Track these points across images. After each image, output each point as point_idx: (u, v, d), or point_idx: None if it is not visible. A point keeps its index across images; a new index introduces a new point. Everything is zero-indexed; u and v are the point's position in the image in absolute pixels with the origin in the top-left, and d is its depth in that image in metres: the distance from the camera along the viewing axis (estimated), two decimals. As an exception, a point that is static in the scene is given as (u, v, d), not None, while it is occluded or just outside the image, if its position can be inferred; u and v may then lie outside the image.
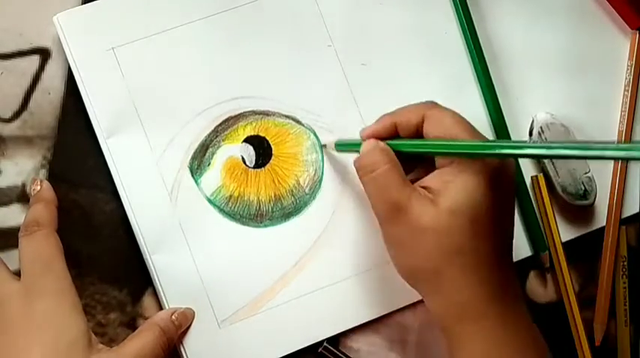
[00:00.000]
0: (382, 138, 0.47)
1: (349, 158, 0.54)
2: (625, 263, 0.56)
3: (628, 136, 0.57)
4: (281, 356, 0.52)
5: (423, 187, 0.45)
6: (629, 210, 0.56)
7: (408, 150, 0.46)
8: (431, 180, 0.45)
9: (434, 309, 0.45)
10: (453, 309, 0.44)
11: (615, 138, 0.57)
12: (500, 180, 0.44)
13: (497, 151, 0.42)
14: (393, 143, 0.47)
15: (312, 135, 0.55)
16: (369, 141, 0.47)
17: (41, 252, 0.48)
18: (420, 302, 0.53)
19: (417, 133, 0.46)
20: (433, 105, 0.47)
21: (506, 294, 0.45)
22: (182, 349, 0.51)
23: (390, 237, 0.46)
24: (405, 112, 0.47)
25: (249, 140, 0.54)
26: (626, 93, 0.57)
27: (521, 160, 0.55)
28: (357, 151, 0.48)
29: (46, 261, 0.48)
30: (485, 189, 0.43)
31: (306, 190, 0.54)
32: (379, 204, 0.45)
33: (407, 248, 0.45)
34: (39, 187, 0.52)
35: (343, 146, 0.52)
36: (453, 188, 0.43)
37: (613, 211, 0.56)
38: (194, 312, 0.52)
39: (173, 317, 0.50)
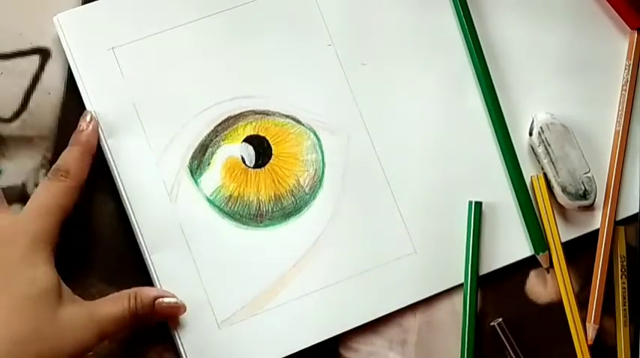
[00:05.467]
0: None
1: (349, 158, 0.54)
2: (624, 263, 0.56)
3: (625, 136, 0.57)
4: (281, 357, 0.52)
5: None
6: (629, 210, 0.56)
7: None
8: None
9: None
10: None
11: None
12: None
13: None
14: None
15: (312, 135, 0.55)
16: None
17: (53, 201, 0.48)
18: (420, 302, 0.53)
19: None
20: None
21: None
22: (182, 349, 0.51)
23: None
24: None
25: (248, 140, 0.54)
26: (623, 92, 0.57)
27: (521, 160, 0.55)
28: None
29: (48, 210, 0.48)
30: None
31: (307, 190, 0.54)
32: None
33: None
34: (85, 126, 0.51)
35: None
36: None
37: (608, 211, 0.56)
38: (185, 306, 0.51)
39: (157, 301, 0.50)
